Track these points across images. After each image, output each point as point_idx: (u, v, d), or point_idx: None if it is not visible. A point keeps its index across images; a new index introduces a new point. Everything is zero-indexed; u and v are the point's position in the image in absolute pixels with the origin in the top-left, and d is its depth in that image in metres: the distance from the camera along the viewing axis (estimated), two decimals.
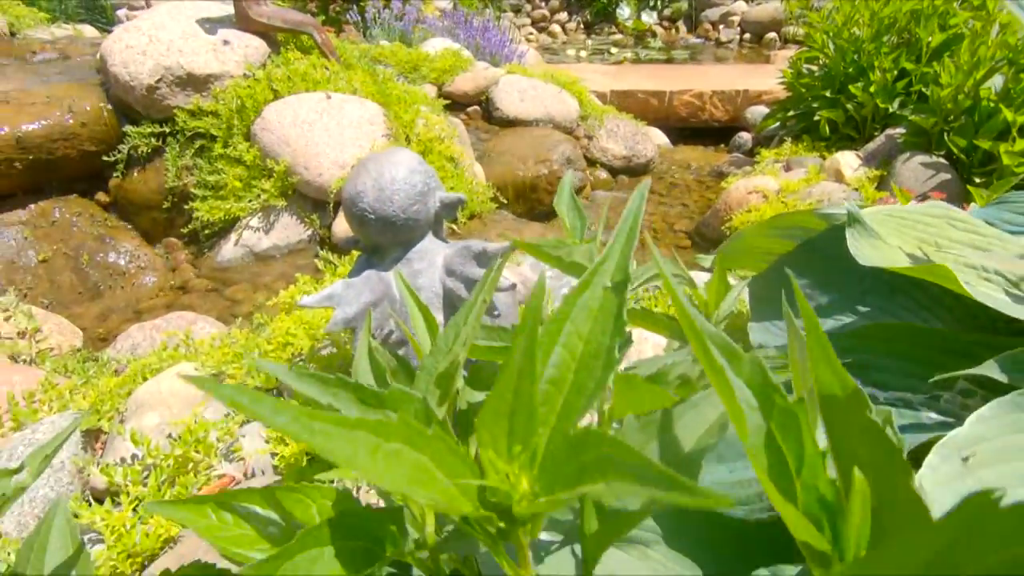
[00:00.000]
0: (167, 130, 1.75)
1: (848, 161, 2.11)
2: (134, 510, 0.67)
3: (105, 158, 1.72)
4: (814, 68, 2.51)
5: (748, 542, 0.40)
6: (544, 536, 0.46)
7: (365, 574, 0.28)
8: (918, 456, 0.38)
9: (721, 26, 6.57)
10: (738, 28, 6.38)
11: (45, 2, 4.12)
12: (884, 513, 0.19)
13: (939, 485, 0.32)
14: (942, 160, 1.89)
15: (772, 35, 6.04)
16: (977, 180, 1.80)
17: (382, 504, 0.40)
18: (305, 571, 0.28)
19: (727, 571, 0.39)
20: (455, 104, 2.55)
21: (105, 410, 0.84)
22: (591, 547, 0.29)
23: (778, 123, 2.62)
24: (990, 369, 0.41)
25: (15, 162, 1.54)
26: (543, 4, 7.02)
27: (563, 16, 7.05)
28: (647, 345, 0.98)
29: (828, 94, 2.35)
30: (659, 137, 3.14)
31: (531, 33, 6.75)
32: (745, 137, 3.06)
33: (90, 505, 0.69)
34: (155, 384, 0.86)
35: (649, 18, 6.89)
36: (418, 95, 2.04)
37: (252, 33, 1.83)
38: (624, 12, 6.93)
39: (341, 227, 1.64)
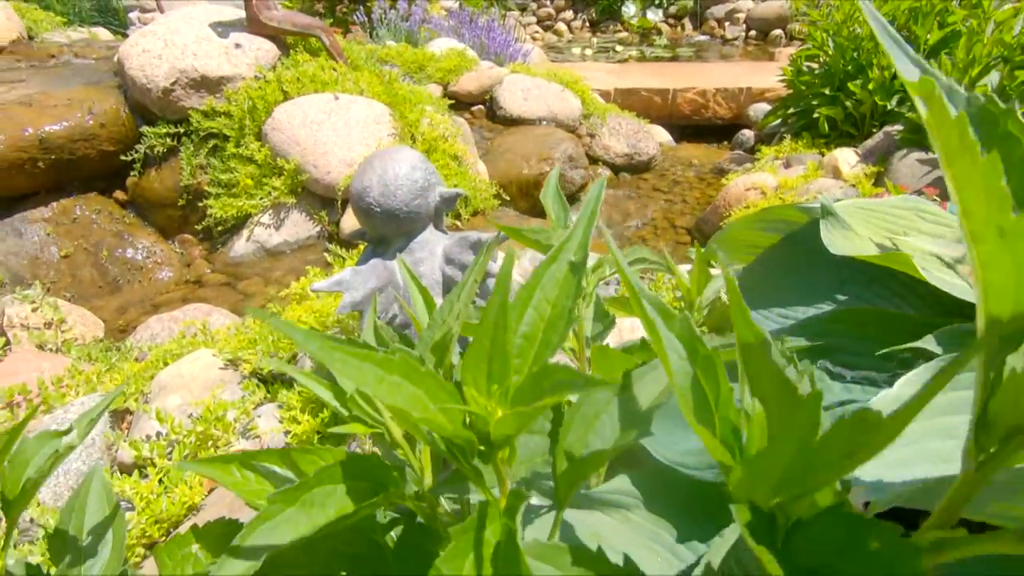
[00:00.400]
0: (182, 130, 1.82)
1: (846, 158, 2.14)
2: (160, 481, 0.73)
3: (123, 157, 1.79)
4: (814, 66, 2.54)
5: (719, 503, 0.45)
6: (535, 501, 0.51)
7: (369, 503, 0.33)
8: None
9: (727, 23, 6.57)
10: (743, 25, 6.37)
11: (59, 5, 4.21)
12: (779, 433, 0.24)
13: None
14: (937, 156, 1.92)
15: (778, 32, 6.02)
16: None
17: None
18: (320, 502, 0.34)
19: (700, 530, 0.44)
20: (460, 103, 2.60)
21: (131, 392, 0.90)
22: (562, 486, 0.35)
23: (779, 120, 2.65)
24: (928, 343, 0.45)
25: (39, 162, 1.61)
26: (549, 2, 7.05)
27: (568, 14, 7.08)
28: (640, 334, 1.03)
29: (827, 92, 2.38)
30: (662, 135, 3.17)
31: (537, 32, 6.77)
32: (748, 134, 3.08)
33: (119, 477, 0.75)
34: (176, 368, 0.92)
35: (654, 16, 6.90)
36: (423, 95, 2.09)
37: (263, 36, 1.89)
38: (630, 10, 6.94)
39: (349, 223, 1.69)
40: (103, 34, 3.31)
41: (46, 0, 4.13)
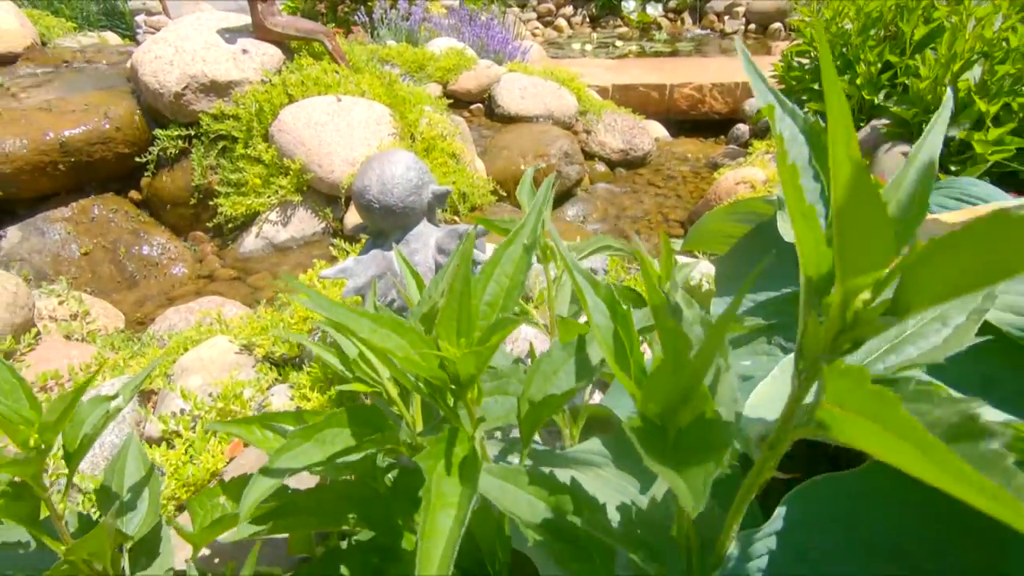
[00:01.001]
0: (193, 133, 1.91)
1: None
2: (186, 451, 0.82)
3: (137, 159, 1.88)
4: (805, 62, 2.59)
5: None
6: (516, 461, 0.59)
7: (368, 439, 0.41)
8: None
9: (726, 17, 6.58)
10: (743, 19, 6.39)
11: (68, 10, 4.30)
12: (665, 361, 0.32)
13: (776, 387, 0.45)
14: None
15: (777, 25, 6.04)
16: (953, 168, 1.88)
17: None
18: (330, 440, 0.42)
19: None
20: (459, 102, 2.67)
21: (155, 374, 0.98)
22: (526, 426, 0.43)
23: None
24: None
25: (59, 164, 1.70)
26: None
27: (568, 10, 7.10)
28: None
29: (816, 87, 2.44)
30: (658, 130, 3.23)
31: (537, 28, 6.81)
32: (743, 129, 3.13)
33: (150, 447, 0.84)
34: (196, 353, 1.01)
35: (654, 10, 6.92)
36: (422, 95, 2.17)
37: (268, 42, 1.97)
38: (629, 5, 6.96)
39: (352, 219, 1.78)
40: (112, 39, 3.40)
41: (55, 5, 4.23)
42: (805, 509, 0.37)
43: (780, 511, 0.37)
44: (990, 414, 0.30)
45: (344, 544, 0.60)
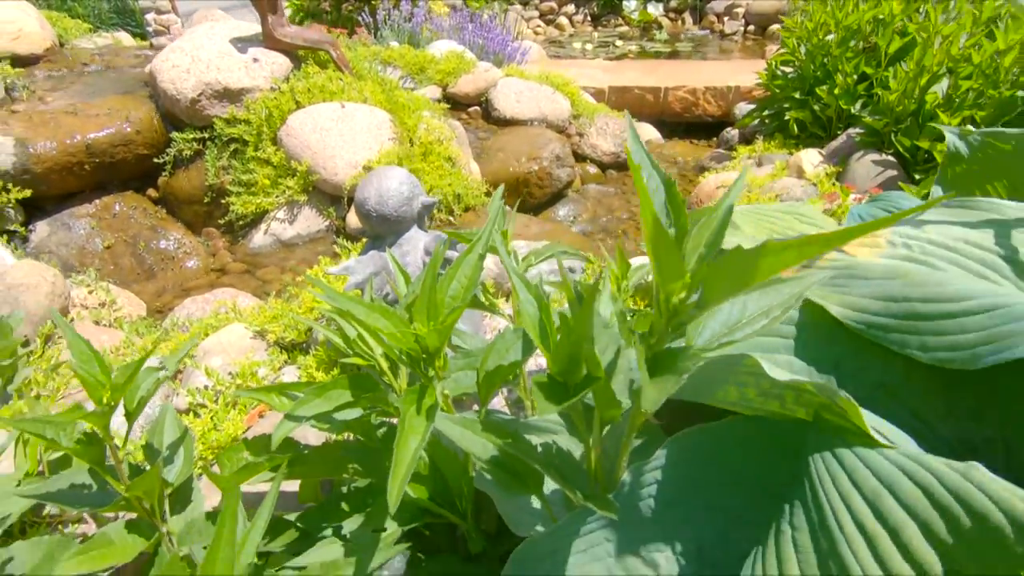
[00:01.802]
0: (207, 136, 2.04)
1: (810, 158, 2.32)
2: (210, 419, 0.96)
3: (155, 160, 2.02)
4: (788, 70, 2.70)
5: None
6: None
7: (364, 397, 0.55)
8: None
9: (726, 18, 6.67)
10: (743, 20, 6.48)
11: (81, 8, 4.43)
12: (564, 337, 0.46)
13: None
14: (891, 158, 2.10)
15: (776, 27, 6.11)
16: (918, 177, 2.00)
17: None
18: (335, 397, 0.56)
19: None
20: (457, 104, 2.80)
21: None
22: (483, 390, 0.56)
23: (757, 120, 2.82)
24: None
25: (85, 165, 1.84)
26: None
27: (570, 8, 7.19)
28: None
29: (798, 95, 2.55)
30: (650, 132, 3.34)
31: (539, 26, 6.90)
32: (733, 132, 3.24)
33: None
34: (216, 337, 1.15)
35: (655, 10, 7.00)
36: (421, 101, 2.29)
37: (277, 51, 2.10)
38: (630, 4, 7.05)
39: (354, 219, 1.91)
40: (125, 39, 3.53)
41: (68, 3, 4.36)
42: (682, 450, 0.51)
43: (660, 452, 0.51)
44: (779, 375, 0.44)
45: (345, 490, 0.74)
